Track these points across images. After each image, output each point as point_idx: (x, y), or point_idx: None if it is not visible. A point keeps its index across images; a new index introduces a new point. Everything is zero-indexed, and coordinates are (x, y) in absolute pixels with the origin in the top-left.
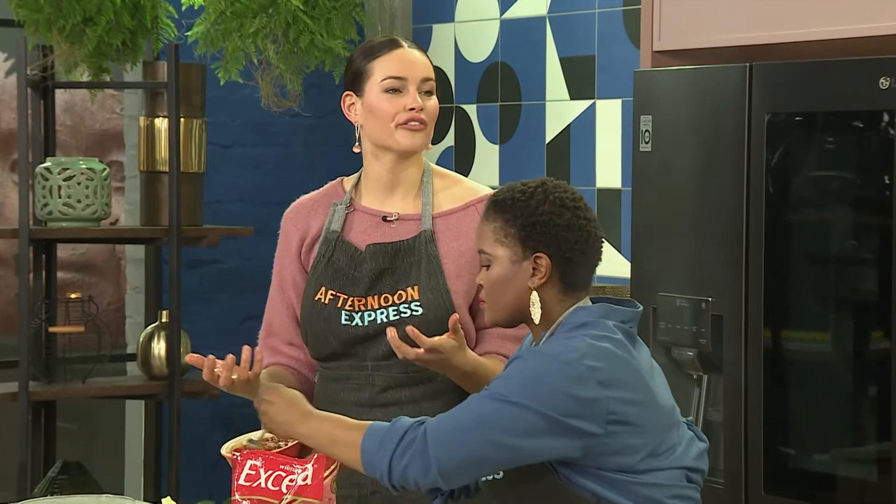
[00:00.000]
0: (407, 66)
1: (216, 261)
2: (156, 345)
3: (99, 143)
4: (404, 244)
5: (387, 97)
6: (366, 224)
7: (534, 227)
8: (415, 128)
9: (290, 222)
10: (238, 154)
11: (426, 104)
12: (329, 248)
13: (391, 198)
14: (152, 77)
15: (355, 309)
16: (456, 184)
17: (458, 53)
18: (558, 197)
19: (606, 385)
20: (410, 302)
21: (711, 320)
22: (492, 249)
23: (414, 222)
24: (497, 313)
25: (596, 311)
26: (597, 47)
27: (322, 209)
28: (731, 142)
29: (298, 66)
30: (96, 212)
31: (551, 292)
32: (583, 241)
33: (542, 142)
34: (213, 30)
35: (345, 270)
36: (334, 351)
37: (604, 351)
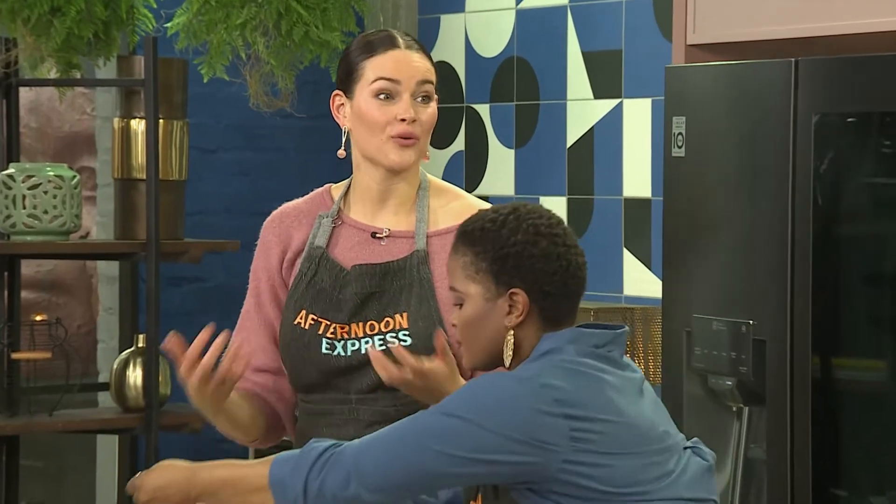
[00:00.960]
0: (402, 68)
1: (199, 278)
2: (131, 373)
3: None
4: (394, 265)
5: (377, 103)
6: (353, 240)
7: (506, 259)
8: (405, 143)
9: (272, 231)
10: (223, 160)
11: (422, 114)
12: (312, 265)
13: (382, 211)
14: (128, 74)
15: (337, 337)
16: (455, 199)
17: (469, 47)
18: (532, 224)
19: (565, 403)
20: (398, 330)
21: (753, 345)
22: (463, 287)
23: (406, 240)
24: (474, 356)
25: (564, 336)
26: (624, 40)
27: (307, 220)
28: (775, 146)
29: (291, 62)
30: (65, 224)
31: (530, 330)
32: (562, 272)
33: (562, 146)
34: (196, 21)
35: (328, 292)
36: (314, 382)
37: (559, 369)
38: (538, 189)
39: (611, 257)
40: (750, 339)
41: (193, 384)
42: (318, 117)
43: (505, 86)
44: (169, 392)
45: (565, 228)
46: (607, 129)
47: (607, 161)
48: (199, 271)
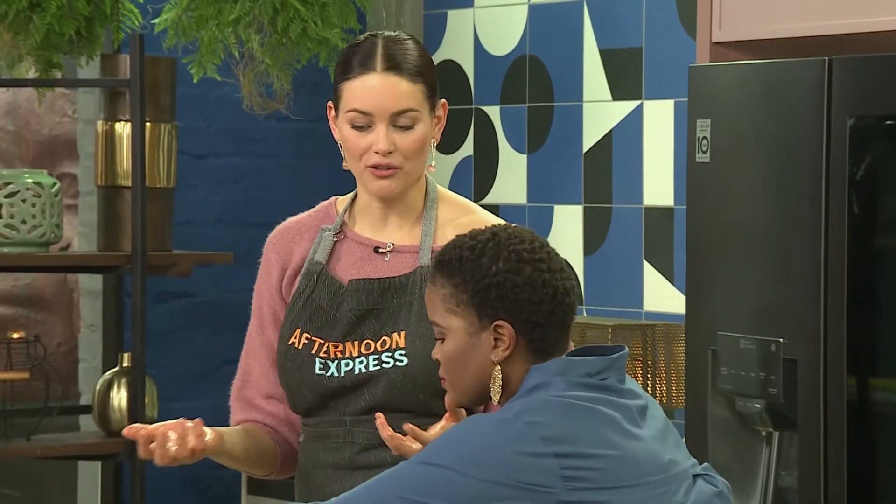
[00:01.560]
0: (374, 99)
1: (188, 293)
2: (115, 394)
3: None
4: (394, 281)
5: (353, 133)
6: (355, 255)
7: (488, 290)
8: (382, 174)
9: (272, 249)
10: (215, 165)
11: (402, 142)
12: (310, 282)
13: (386, 226)
14: (112, 74)
15: (330, 356)
16: (467, 213)
17: (479, 45)
18: (514, 250)
19: (553, 441)
20: (395, 350)
21: (783, 366)
22: (444, 321)
23: (411, 255)
24: (460, 394)
25: (551, 368)
26: (644, 37)
27: (309, 235)
28: (807, 151)
29: (287, 61)
30: (44, 235)
31: (518, 363)
32: (549, 300)
33: (578, 151)
34: (186, 17)
35: (325, 310)
36: (310, 404)
37: (544, 404)
38: (552, 197)
39: (630, 270)
40: (780, 359)
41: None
42: (316, 120)
43: (516, 86)
44: (156, 415)
45: (550, 251)
46: (626, 132)
47: (626, 167)
48: (189, 286)
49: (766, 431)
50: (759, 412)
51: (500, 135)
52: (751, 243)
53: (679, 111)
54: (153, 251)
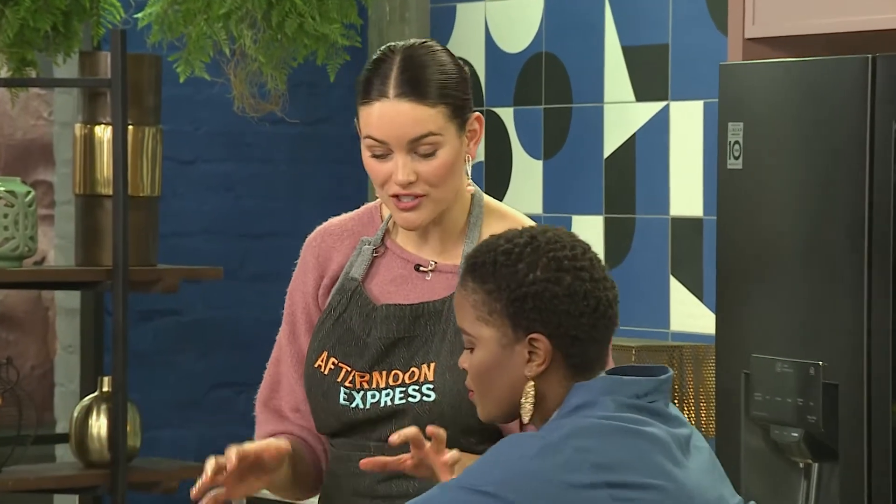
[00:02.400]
0: (388, 128)
1: (174, 311)
2: (94, 422)
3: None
4: (429, 307)
5: (372, 160)
6: (395, 271)
7: (525, 300)
8: (406, 206)
9: (311, 251)
10: (203, 172)
11: (424, 170)
12: (343, 299)
13: (428, 241)
14: (91, 73)
15: (356, 387)
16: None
17: (490, 41)
18: (554, 257)
19: (604, 468)
20: (422, 383)
21: (823, 391)
22: (474, 329)
23: (454, 276)
24: (488, 408)
25: (596, 387)
26: (671, 34)
27: (350, 241)
28: (849, 156)
29: (283, 59)
30: (17, 248)
31: (555, 379)
32: (591, 312)
33: (599, 156)
34: (172, 11)
35: (356, 334)
36: (335, 430)
37: (594, 428)
38: (570, 207)
39: (655, 287)
40: (819, 384)
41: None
42: (314, 123)
43: (531, 86)
44: (139, 444)
45: (592, 258)
46: (651, 136)
47: (651, 174)
48: (175, 303)
49: (804, 463)
50: (797, 442)
51: (513, 139)
52: (787, 257)
53: (709, 113)
54: (136, 265)
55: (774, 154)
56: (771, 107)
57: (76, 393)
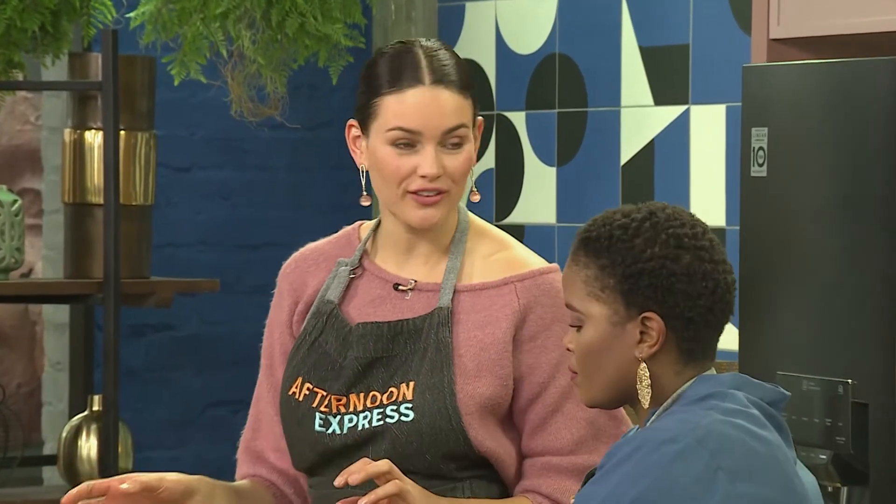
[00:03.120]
0: (426, 116)
1: (168, 326)
2: (84, 443)
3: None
4: (408, 324)
5: (394, 152)
6: (374, 293)
7: (640, 276)
8: (428, 201)
9: (285, 279)
10: (199, 180)
11: (450, 163)
12: (318, 323)
13: (409, 260)
14: (82, 75)
15: (332, 411)
16: (502, 249)
17: (501, 41)
18: (674, 234)
19: (741, 480)
20: (400, 403)
21: (852, 410)
22: (583, 306)
23: (433, 294)
24: (593, 391)
25: (726, 380)
26: (692, 34)
27: (326, 265)
28: (880, 163)
29: (283, 61)
30: (3, 259)
31: (666, 363)
32: (708, 294)
33: (615, 163)
34: (166, 10)
35: (332, 357)
36: (311, 463)
37: (734, 430)
38: (586, 215)
39: None
40: (848, 403)
41: None
42: (315, 128)
43: (544, 89)
44: (131, 466)
45: (712, 239)
46: (671, 142)
47: (671, 181)
48: (169, 317)
49: (833, 487)
50: (825, 464)
51: (525, 145)
52: (814, 268)
53: (731, 118)
54: (128, 278)
55: (800, 160)
56: (797, 111)
57: (65, 412)
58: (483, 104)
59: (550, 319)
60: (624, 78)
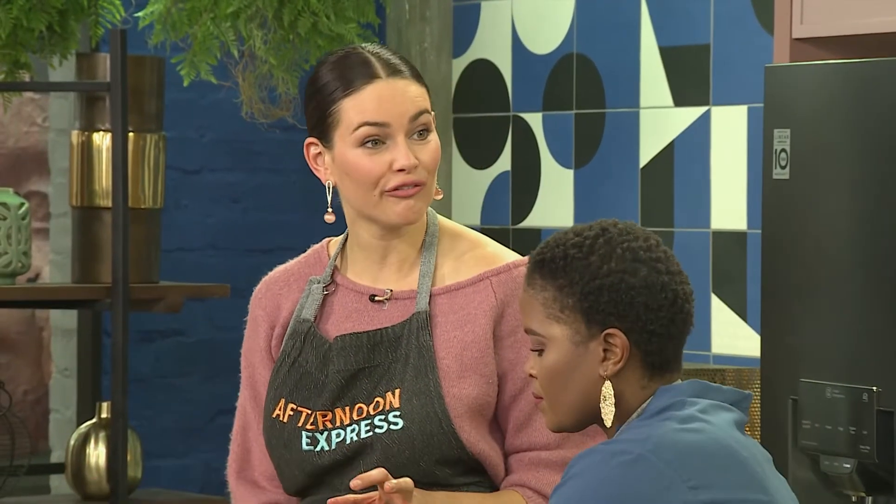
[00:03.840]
0: (389, 106)
1: (178, 331)
2: (92, 451)
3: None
4: (386, 333)
5: (365, 153)
6: (350, 307)
7: (600, 293)
8: (408, 193)
9: (258, 305)
10: (209, 182)
11: (422, 153)
12: (297, 343)
13: (383, 269)
14: (89, 76)
15: (318, 427)
16: (473, 248)
17: (517, 41)
18: (629, 248)
19: (702, 487)
20: (388, 412)
21: (877, 418)
22: (544, 329)
23: (410, 302)
24: (560, 414)
25: (685, 388)
26: (713, 33)
27: (297, 285)
28: None
29: (295, 61)
30: (9, 264)
31: (632, 379)
32: (668, 306)
33: (634, 165)
34: (176, 9)
35: (313, 375)
36: (302, 485)
37: (690, 437)
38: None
39: (696, 305)
40: (873, 411)
41: None
42: None
43: (562, 90)
44: (140, 475)
45: (666, 251)
46: (691, 143)
47: (691, 184)
48: (178, 323)
49: (857, 496)
50: (849, 473)
51: (542, 147)
52: (838, 273)
53: (753, 119)
54: (137, 283)
55: (824, 162)
56: (820, 112)
57: (72, 420)
58: (499, 105)
59: None
60: (643, 78)
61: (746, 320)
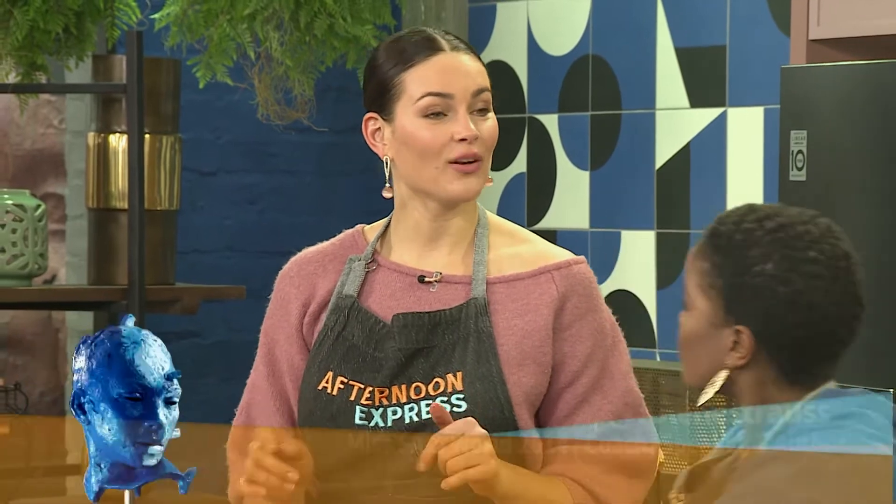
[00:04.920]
0: (453, 78)
1: (194, 333)
2: None
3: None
4: (446, 314)
5: (427, 123)
6: (394, 286)
7: (743, 290)
8: (468, 169)
9: (289, 283)
10: (225, 184)
11: (482, 128)
12: (340, 318)
13: (432, 252)
14: (106, 77)
15: (374, 403)
16: (523, 243)
17: (533, 43)
18: (793, 255)
19: None
20: (451, 394)
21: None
22: (694, 293)
23: (462, 287)
24: (689, 375)
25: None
26: (729, 34)
27: (334, 266)
28: None
29: (311, 63)
30: (26, 265)
31: (761, 379)
32: (813, 324)
33: (650, 167)
34: (192, 11)
35: (361, 350)
36: (338, 463)
37: None
38: (619, 221)
39: None
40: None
41: None
42: (343, 132)
43: (577, 91)
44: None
45: (848, 265)
46: (707, 145)
47: (707, 186)
48: (195, 324)
49: None
50: None
51: (557, 148)
52: None
53: (769, 120)
54: (153, 284)
55: (840, 164)
56: (837, 113)
57: None
58: (515, 107)
59: (585, 309)
60: (659, 80)
61: None
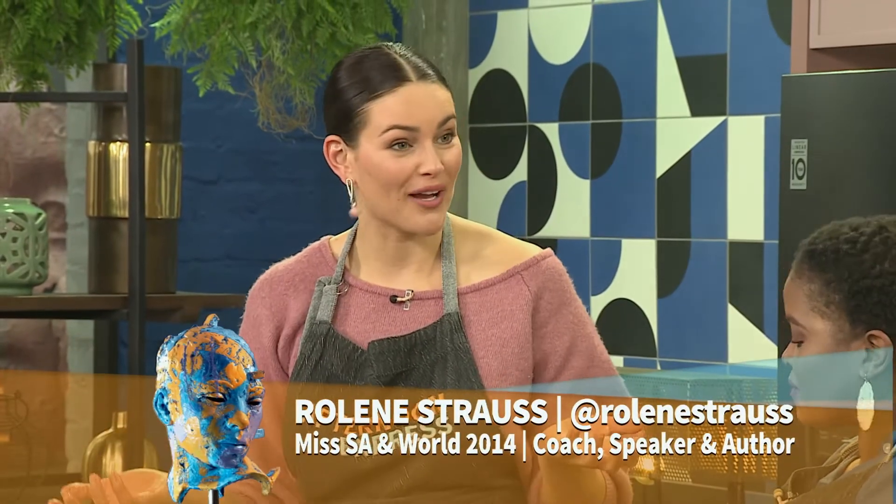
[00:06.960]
0: (419, 111)
1: None
2: (109, 461)
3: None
4: (421, 335)
5: (391, 155)
6: (367, 307)
7: (868, 293)
8: (431, 203)
9: (261, 303)
10: (226, 193)
11: (446, 158)
12: (317, 346)
13: (401, 271)
14: (106, 86)
15: (359, 432)
16: (489, 243)
17: (534, 51)
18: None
19: None
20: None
21: None
22: (806, 321)
23: (434, 302)
24: (814, 410)
25: None
26: (730, 43)
27: (304, 285)
28: None
29: (312, 71)
30: (26, 274)
31: None
32: None
33: (651, 175)
34: (193, 20)
35: (341, 379)
36: (332, 489)
37: None
38: (620, 230)
39: (712, 316)
40: None
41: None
42: None
43: (578, 100)
44: None
45: None
46: (708, 153)
47: (708, 194)
48: None
49: None
50: None
51: (558, 157)
52: None
53: (770, 129)
54: (153, 293)
55: (841, 173)
56: (837, 122)
57: (89, 430)
58: (514, 116)
59: (559, 303)
60: (660, 88)
61: (763, 330)
